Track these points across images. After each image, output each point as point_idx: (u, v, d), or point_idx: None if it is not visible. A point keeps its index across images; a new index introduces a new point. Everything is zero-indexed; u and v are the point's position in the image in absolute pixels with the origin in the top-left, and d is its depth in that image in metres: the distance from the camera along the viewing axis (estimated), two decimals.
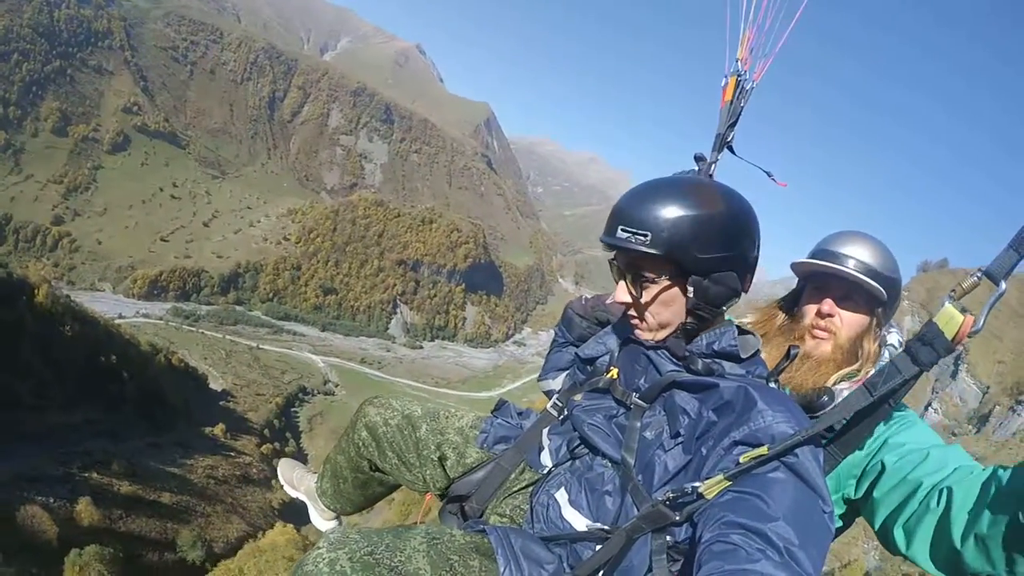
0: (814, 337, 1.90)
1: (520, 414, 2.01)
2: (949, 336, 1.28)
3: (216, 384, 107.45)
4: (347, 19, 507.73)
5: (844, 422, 1.55)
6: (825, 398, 1.73)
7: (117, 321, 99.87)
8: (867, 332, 1.87)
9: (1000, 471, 1.39)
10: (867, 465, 1.72)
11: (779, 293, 2.16)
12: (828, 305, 1.87)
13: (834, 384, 1.80)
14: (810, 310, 1.93)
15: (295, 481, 2.51)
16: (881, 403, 1.48)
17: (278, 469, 2.60)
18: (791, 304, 2.04)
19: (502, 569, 1.38)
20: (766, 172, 1.87)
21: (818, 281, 1.93)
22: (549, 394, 2.00)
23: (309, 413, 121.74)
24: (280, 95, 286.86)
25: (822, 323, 1.88)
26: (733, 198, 1.51)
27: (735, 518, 1.15)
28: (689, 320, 1.54)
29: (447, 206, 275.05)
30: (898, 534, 1.60)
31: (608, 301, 2.03)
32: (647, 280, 1.52)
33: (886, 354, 1.83)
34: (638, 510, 1.37)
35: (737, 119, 1.93)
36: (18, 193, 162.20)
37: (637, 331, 1.61)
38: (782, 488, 1.19)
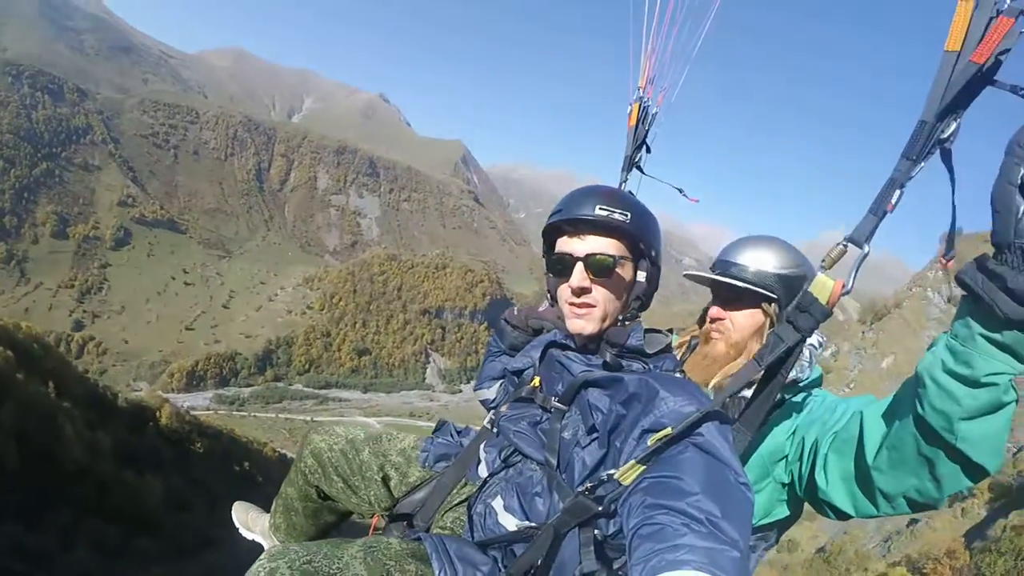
0: (711, 339, 2.03)
1: (459, 432, 2.04)
2: (824, 301, 1.37)
3: None
4: (308, 79, 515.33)
5: (745, 400, 1.60)
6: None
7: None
8: (760, 331, 1.96)
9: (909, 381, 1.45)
10: (789, 447, 1.78)
11: None
12: (715, 311, 2.03)
13: (718, 381, 1.90)
14: (707, 315, 2.09)
15: (250, 523, 2.48)
16: (772, 374, 1.51)
17: (232, 513, 2.56)
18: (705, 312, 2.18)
19: (437, 572, 1.41)
20: (678, 189, 1.92)
21: (712, 288, 2.07)
22: (485, 403, 2.10)
23: None
24: (265, 165, 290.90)
25: (714, 326, 2.02)
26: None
27: (656, 500, 1.16)
28: (632, 308, 1.66)
29: (447, 248, 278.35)
30: (819, 477, 1.64)
31: (541, 308, 2.12)
32: (610, 265, 1.58)
33: (807, 352, 1.85)
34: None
35: (643, 142, 2.01)
36: (31, 303, 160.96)
37: (582, 321, 1.63)
38: (693, 466, 1.21)
